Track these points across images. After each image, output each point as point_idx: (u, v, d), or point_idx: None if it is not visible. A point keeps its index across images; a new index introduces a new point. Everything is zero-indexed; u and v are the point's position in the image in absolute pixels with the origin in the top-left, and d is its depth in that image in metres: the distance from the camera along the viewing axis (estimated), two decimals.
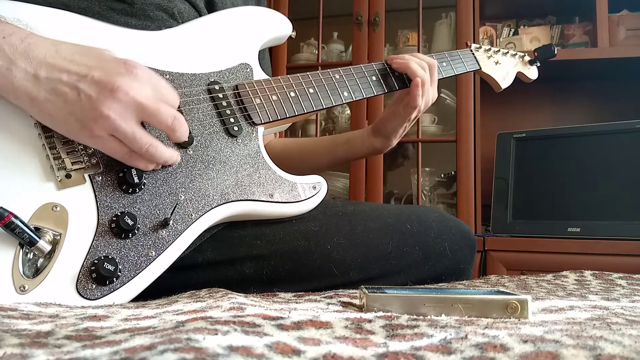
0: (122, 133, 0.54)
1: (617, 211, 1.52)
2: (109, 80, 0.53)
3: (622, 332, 0.36)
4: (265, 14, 0.80)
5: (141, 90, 0.54)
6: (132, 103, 0.53)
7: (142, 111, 0.54)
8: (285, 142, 1.03)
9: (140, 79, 0.54)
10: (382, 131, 0.90)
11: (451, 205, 1.88)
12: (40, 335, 0.33)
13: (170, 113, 0.56)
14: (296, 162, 0.97)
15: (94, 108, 0.52)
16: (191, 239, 0.61)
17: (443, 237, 0.76)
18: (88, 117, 0.53)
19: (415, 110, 0.84)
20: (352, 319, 0.40)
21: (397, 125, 0.88)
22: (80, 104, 0.53)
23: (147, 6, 0.69)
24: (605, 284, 0.72)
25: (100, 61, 0.55)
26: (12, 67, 0.52)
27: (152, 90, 0.56)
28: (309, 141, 1.04)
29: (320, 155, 0.96)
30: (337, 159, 0.96)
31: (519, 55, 1.06)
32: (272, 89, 0.73)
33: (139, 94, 0.54)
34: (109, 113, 0.53)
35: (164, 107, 0.56)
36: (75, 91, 0.53)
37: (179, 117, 0.57)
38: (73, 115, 0.53)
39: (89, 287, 0.54)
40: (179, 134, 0.58)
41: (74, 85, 0.53)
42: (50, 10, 0.62)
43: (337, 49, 2.10)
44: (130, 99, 0.53)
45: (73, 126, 0.54)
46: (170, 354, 0.26)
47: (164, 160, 0.59)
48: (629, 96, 1.89)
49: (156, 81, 0.57)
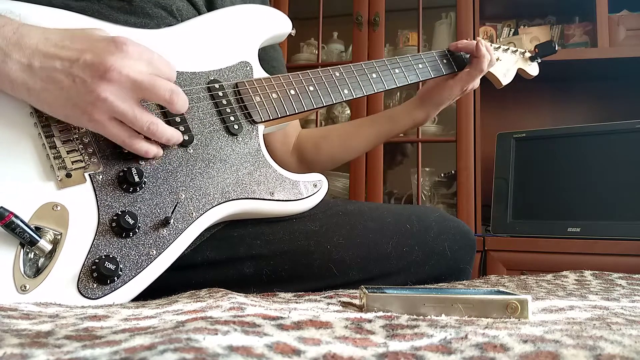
0: (121, 113, 0.54)
1: (617, 211, 1.52)
2: (101, 61, 0.53)
3: (622, 332, 0.36)
4: (264, 12, 0.80)
5: (134, 66, 0.54)
6: (126, 81, 0.53)
7: (138, 88, 0.54)
8: (324, 129, 1.06)
9: (132, 55, 0.54)
10: (434, 99, 0.96)
11: (451, 205, 1.88)
12: (40, 335, 0.33)
13: (167, 87, 0.56)
14: (339, 147, 1.01)
15: (90, 92, 0.52)
16: (192, 237, 0.61)
17: (443, 237, 0.76)
18: (86, 101, 0.53)
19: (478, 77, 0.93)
20: (352, 319, 0.40)
21: (454, 94, 0.95)
22: (76, 89, 0.53)
23: (146, 4, 0.69)
24: (605, 284, 0.72)
25: (91, 43, 0.54)
26: (7, 59, 0.52)
27: (146, 65, 0.55)
28: (351, 124, 1.07)
29: (365, 135, 1.00)
30: (381, 137, 1.01)
31: (520, 52, 1.06)
32: (272, 87, 0.73)
33: (132, 71, 0.53)
34: (105, 95, 0.53)
35: (159, 81, 0.56)
36: (70, 77, 0.53)
37: (176, 89, 0.57)
38: (71, 102, 0.53)
39: (90, 286, 0.54)
40: (179, 106, 0.58)
41: (67, 71, 0.53)
42: (50, 10, 0.62)
43: (337, 49, 2.10)
44: (124, 77, 0.53)
45: (72, 112, 0.54)
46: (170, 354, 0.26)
47: (166, 139, 0.59)
48: (629, 96, 1.89)
49: (149, 55, 0.56)
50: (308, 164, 1.01)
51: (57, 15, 0.62)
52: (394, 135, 1.02)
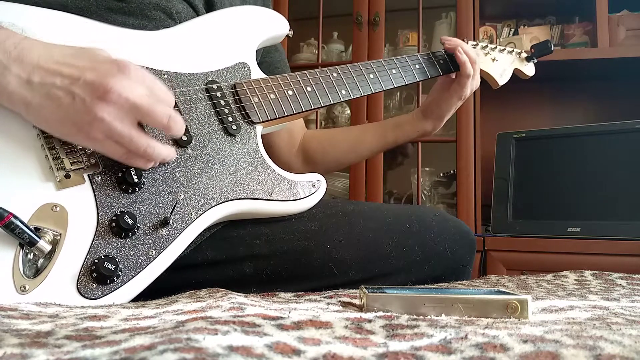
0: (118, 135, 0.54)
1: (617, 211, 1.52)
2: (102, 82, 0.52)
3: (622, 332, 0.36)
4: (262, 13, 0.80)
5: (134, 90, 0.54)
6: (125, 104, 0.53)
7: (136, 111, 0.54)
8: (330, 132, 1.05)
9: (133, 78, 0.54)
10: (436, 112, 0.95)
11: (451, 205, 1.88)
12: (40, 335, 0.33)
13: (166, 112, 0.56)
14: (345, 151, 1.01)
15: (89, 111, 0.52)
16: (191, 237, 0.61)
17: (443, 237, 0.76)
18: (83, 120, 0.53)
19: (469, 87, 0.92)
20: (352, 319, 0.40)
21: (452, 104, 0.94)
22: (74, 107, 0.52)
23: (145, 6, 0.69)
24: (605, 284, 0.71)
25: (93, 62, 0.54)
26: (6, 73, 0.52)
27: (146, 89, 0.55)
28: (357, 129, 1.07)
29: (370, 142, 1.00)
30: (387, 145, 1.00)
31: (516, 52, 1.06)
32: (270, 87, 0.73)
33: (132, 95, 0.53)
34: (103, 115, 0.52)
35: (159, 106, 0.56)
36: (70, 95, 0.52)
37: (174, 115, 0.57)
38: (69, 119, 0.53)
39: (90, 286, 0.54)
40: (175, 131, 0.58)
41: (67, 89, 0.52)
42: (48, 12, 0.62)
43: (337, 49, 2.10)
44: (124, 100, 0.53)
45: (69, 130, 0.54)
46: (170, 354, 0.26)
47: (161, 159, 0.60)
48: (629, 96, 1.89)
49: (150, 80, 0.56)
50: (313, 165, 1.01)
51: (55, 17, 0.62)
52: (399, 144, 1.02)
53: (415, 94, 1.92)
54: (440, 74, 0.92)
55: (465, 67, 0.90)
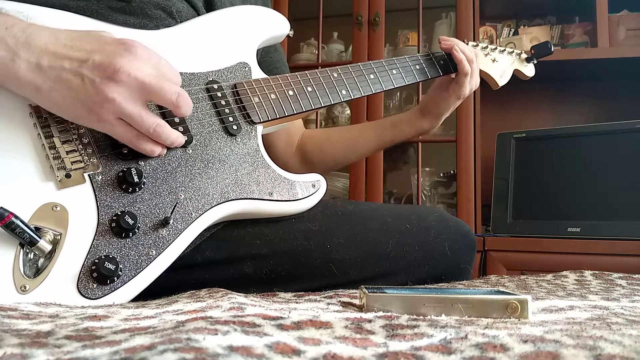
0: (128, 115, 0.55)
1: (617, 211, 1.52)
2: (110, 62, 0.53)
3: (622, 332, 0.36)
4: (262, 13, 0.80)
5: (142, 69, 0.54)
6: (135, 83, 0.54)
7: (145, 90, 0.55)
8: (327, 132, 1.05)
9: (140, 58, 0.55)
10: (434, 111, 0.95)
11: (451, 205, 1.88)
12: (40, 335, 0.33)
13: (174, 90, 0.57)
14: (343, 151, 1.01)
15: (99, 92, 0.53)
16: (191, 237, 0.61)
17: (443, 237, 0.76)
18: (94, 102, 0.53)
19: (468, 87, 0.91)
20: (352, 319, 0.40)
21: (451, 103, 0.93)
22: (84, 89, 0.53)
23: (146, 5, 0.69)
24: (605, 284, 0.71)
25: (100, 44, 0.55)
26: (16, 58, 0.52)
27: (153, 68, 0.56)
28: (354, 129, 1.07)
29: (367, 141, 1.00)
30: (384, 144, 1.00)
31: (516, 53, 1.06)
32: (270, 87, 0.73)
33: (140, 74, 0.54)
34: (114, 96, 0.53)
35: (167, 84, 0.57)
36: (79, 77, 0.53)
37: (182, 92, 0.58)
38: (79, 102, 0.54)
39: (90, 286, 0.54)
40: (184, 109, 0.59)
41: (76, 71, 0.53)
42: (49, 11, 0.62)
43: (337, 49, 2.10)
44: (133, 79, 0.54)
45: (80, 112, 0.54)
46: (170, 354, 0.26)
47: (170, 142, 0.60)
48: (629, 96, 1.89)
49: (156, 59, 0.57)
50: (311, 165, 1.01)
51: (56, 15, 0.62)
52: (397, 143, 1.02)
53: (415, 94, 1.92)
54: (440, 74, 0.92)
55: (463, 65, 0.90)
